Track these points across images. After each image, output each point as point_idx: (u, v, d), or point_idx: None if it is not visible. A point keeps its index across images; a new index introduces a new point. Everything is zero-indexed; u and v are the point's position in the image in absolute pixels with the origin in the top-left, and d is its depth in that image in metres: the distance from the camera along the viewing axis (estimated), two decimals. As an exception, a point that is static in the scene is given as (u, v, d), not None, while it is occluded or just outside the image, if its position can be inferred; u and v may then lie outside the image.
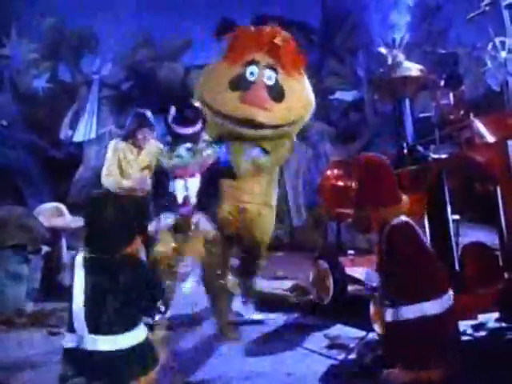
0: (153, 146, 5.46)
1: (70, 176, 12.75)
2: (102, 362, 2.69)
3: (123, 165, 5.47)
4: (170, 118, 4.67)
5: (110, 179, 5.50)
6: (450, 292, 3.68)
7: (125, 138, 5.61)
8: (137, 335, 2.79)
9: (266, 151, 5.11)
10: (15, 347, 4.82)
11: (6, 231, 5.96)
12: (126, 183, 5.46)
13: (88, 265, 2.74)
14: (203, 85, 5.21)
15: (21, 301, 5.94)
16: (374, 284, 3.83)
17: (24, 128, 13.03)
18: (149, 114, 5.57)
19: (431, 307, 3.55)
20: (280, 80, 5.02)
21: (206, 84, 5.19)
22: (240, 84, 4.92)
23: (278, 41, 5.10)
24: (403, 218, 3.84)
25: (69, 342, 2.77)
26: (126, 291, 2.73)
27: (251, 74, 4.94)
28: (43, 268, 6.43)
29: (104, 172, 5.62)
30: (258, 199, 5.16)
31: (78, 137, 13.84)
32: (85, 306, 2.68)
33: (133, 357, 2.73)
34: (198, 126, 4.62)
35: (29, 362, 4.40)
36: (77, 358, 2.74)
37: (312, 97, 5.33)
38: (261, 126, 4.87)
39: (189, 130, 4.59)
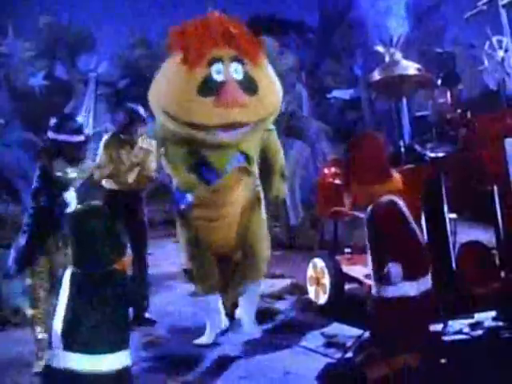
0: (145, 142, 5.45)
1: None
2: (75, 382, 2.52)
3: (115, 161, 5.43)
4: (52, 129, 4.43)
5: (102, 172, 5.44)
6: (428, 276, 3.61)
7: (117, 133, 5.57)
8: (118, 360, 2.60)
9: (246, 155, 4.65)
10: (10, 346, 4.82)
11: (3, 230, 5.93)
12: (108, 184, 5.48)
13: (74, 281, 2.64)
14: (163, 94, 4.47)
15: (17, 300, 5.92)
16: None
17: (20, 126, 13.01)
18: (141, 109, 5.54)
19: (408, 289, 3.53)
20: (249, 71, 4.44)
21: (167, 94, 4.44)
22: (209, 87, 4.25)
23: (232, 28, 4.46)
24: (391, 197, 3.81)
25: (47, 359, 2.64)
26: (110, 308, 2.60)
27: (217, 72, 4.29)
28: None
29: (97, 172, 5.56)
30: (241, 204, 4.77)
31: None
32: (64, 321, 2.56)
33: (108, 382, 2.55)
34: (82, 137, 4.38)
35: (24, 361, 4.40)
36: (52, 376, 2.60)
37: (279, 84, 4.76)
38: (243, 125, 4.36)
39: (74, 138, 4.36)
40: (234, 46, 4.42)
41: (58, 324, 2.60)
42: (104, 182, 5.48)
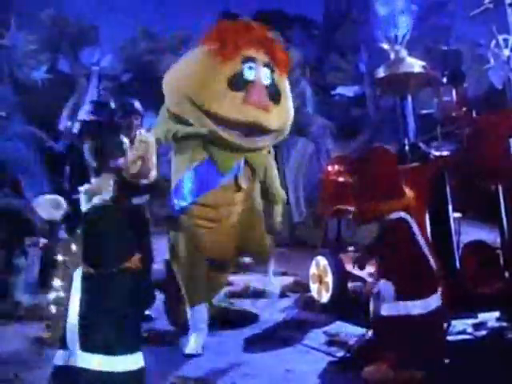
0: (143, 135, 5.43)
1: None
2: (90, 382, 2.52)
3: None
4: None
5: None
6: (437, 294, 3.66)
7: (116, 129, 5.57)
8: (132, 361, 2.59)
9: (252, 167, 4.62)
10: (12, 340, 4.82)
11: (5, 223, 5.93)
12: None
13: (86, 280, 2.63)
14: (190, 81, 4.44)
15: (18, 293, 5.92)
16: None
17: (23, 119, 12.98)
18: (136, 102, 5.52)
19: (415, 307, 3.55)
20: (276, 80, 4.54)
21: (195, 81, 4.40)
22: (239, 83, 4.29)
23: (268, 35, 4.62)
24: (401, 213, 3.83)
25: (59, 359, 2.62)
26: (124, 307, 2.59)
27: (249, 71, 4.34)
28: (40, 261, 6.41)
29: None
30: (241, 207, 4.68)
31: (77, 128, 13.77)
32: (80, 321, 2.54)
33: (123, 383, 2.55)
34: None
35: (26, 355, 4.41)
36: (66, 376, 2.59)
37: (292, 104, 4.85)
38: (263, 131, 4.40)
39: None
40: (268, 53, 4.52)
41: (72, 324, 2.58)
42: None
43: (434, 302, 3.64)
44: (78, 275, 2.68)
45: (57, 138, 13.32)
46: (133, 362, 2.60)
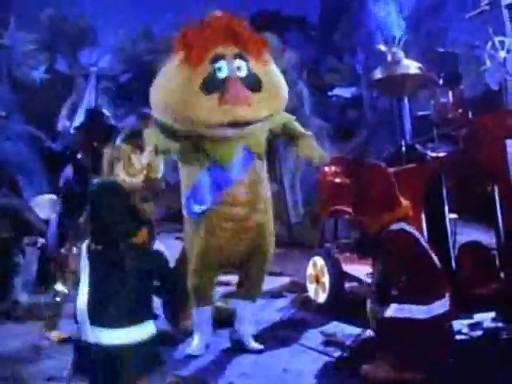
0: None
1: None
2: (103, 356, 2.59)
3: (127, 168, 5.47)
4: None
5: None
6: (444, 299, 3.69)
7: (128, 139, 5.61)
8: (143, 331, 2.67)
9: (257, 153, 4.57)
10: (10, 339, 4.82)
11: (3, 222, 5.93)
12: (131, 182, 5.50)
13: (94, 256, 2.68)
14: (165, 94, 4.40)
15: (16, 293, 5.92)
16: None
17: (21, 119, 12.97)
18: (151, 113, 5.55)
19: (419, 311, 3.58)
20: (252, 68, 4.38)
21: (169, 92, 4.35)
22: (212, 85, 4.20)
23: (235, 26, 4.44)
24: (401, 224, 3.89)
25: (75, 333, 2.72)
26: (133, 282, 2.64)
27: (220, 70, 4.24)
28: (39, 260, 6.41)
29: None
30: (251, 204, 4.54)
31: (73, 129, 13.77)
32: (89, 297, 2.61)
33: (137, 354, 2.62)
34: None
35: (24, 354, 4.42)
36: (81, 350, 2.68)
37: (284, 82, 4.68)
38: (247, 123, 4.29)
39: None
40: (237, 43, 4.37)
41: (82, 300, 2.64)
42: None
43: (439, 307, 3.66)
44: (84, 252, 2.72)
45: (55, 138, 13.33)
46: (144, 332, 2.65)
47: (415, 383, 3.53)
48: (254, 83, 4.32)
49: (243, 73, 4.32)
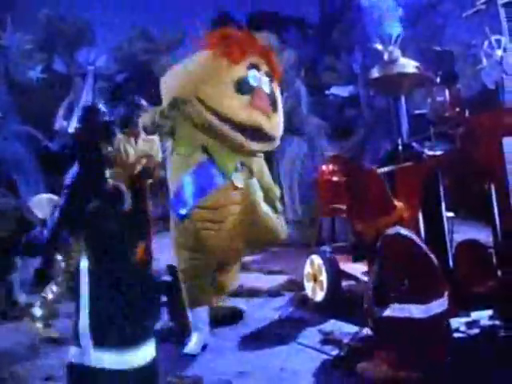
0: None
1: (64, 167, 12.64)
2: (104, 380, 2.57)
3: (123, 157, 5.47)
4: None
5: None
6: (442, 299, 3.70)
7: (121, 127, 5.60)
8: (146, 354, 2.65)
9: (249, 169, 4.72)
10: (7, 337, 4.83)
11: (1, 222, 5.93)
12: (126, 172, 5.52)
13: (94, 277, 2.66)
14: (197, 79, 4.56)
15: (14, 293, 5.91)
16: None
17: (18, 119, 12.94)
18: (144, 102, 5.54)
19: (417, 311, 3.59)
20: (274, 89, 4.80)
21: (201, 79, 4.54)
22: (245, 87, 4.51)
23: (270, 49, 4.94)
24: (397, 228, 3.92)
25: (75, 356, 2.64)
26: (134, 302, 2.64)
27: (254, 77, 4.58)
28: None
29: None
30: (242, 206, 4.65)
31: (73, 128, 13.72)
32: (90, 320, 2.58)
33: (137, 377, 2.60)
34: None
35: (21, 352, 4.44)
36: (80, 374, 2.63)
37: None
38: (264, 137, 4.62)
39: None
40: (270, 63, 4.79)
41: (84, 322, 2.61)
42: (108, 175, 5.54)
43: (437, 306, 3.67)
44: (84, 273, 2.70)
45: (52, 138, 13.30)
46: (145, 355, 2.64)
47: (412, 382, 3.54)
48: (274, 102, 4.73)
49: (268, 89, 4.69)
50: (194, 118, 4.51)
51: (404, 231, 3.92)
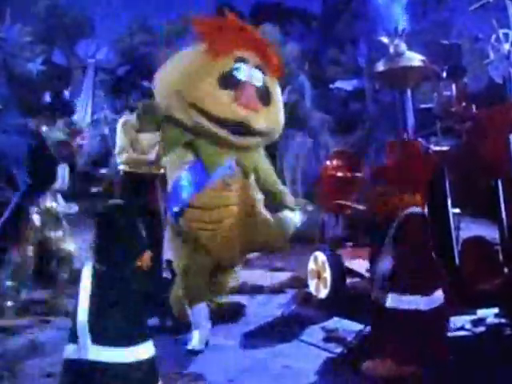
0: None
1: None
2: (102, 375, 2.58)
3: (133, 142, 5.49)
4: None
5: (123, 155, 5.55)
6: (438, 292, 3.65)
7: (133, 119, 5.66)
8: (143, 351, 2.67)
9: (243, 168, 4.56)
10: (7, 335, 4.77)
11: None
12: (139, 157, 5.50)
13: (97, 276, 2.69)
14: (181, 78, 4.43)
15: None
16: None
17: (17, 112, 12.88)
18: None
19: (421, 302, 3.55)
20: (267, 83, 4.55)
21: (186, 76, 4.40)
22: (230, 81, 4.30)
23: (264, 39, 4.69)
24: (417, 208, 3.87)
25: (70, 352, 2.65)
26: (135, 303, 2.67)
27: (239, 71, 4.34)
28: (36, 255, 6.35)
29: (116, 150, 5.68)
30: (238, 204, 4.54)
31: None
32: (90, 316, 2.60)
33: (135, 373, 2.62)
34: None
35: (20, 351, 4.38)
36: (77, 370, 2.64)
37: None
38: (251, 132, 4.40)
39: None
40: (261, 56, 4.55)
41: (83, 319, 2.63)
42: (122, 166, 5.50)
43: (437, 299, 3.63)
44: (87, 272, 2.73)
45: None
46: (143, 351, 2.66)
47: (416, 379, 3.49)
48: (265, 96, 4.50)
49: (259, 83, 4.47)
50: (183, 119, 4.42)
51: (423, 212, 3.88)
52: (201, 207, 4.39)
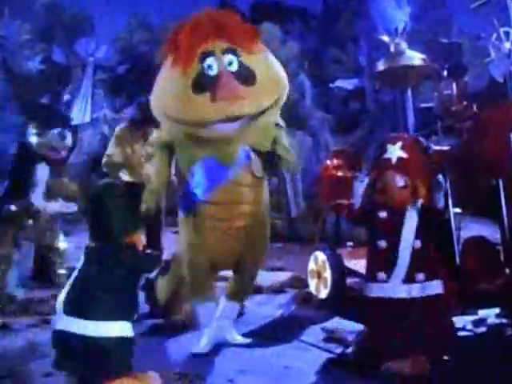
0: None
1: (63, 160, 12.61)
2: (71, 345, 2.70)
3: (129, 155, 5.48)
4: None
5: (109, 168, 5.57)
6: (435, 281, 3.73)
7: (130, 127, 5.63)
8: (116, 328, 2.73)
9: (258, 151, 4.40)
10: (5, 335, 4.79)
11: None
12: (125, 177, 5.52)
13: (88, 252, 2.82)
14: (160, 98, 4.34)
15: (12, 287, 5.87)
16: None
17: (17, 110, 12.88)
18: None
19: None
20: (244, 61, 4.20)
21: (163, 96, 4.29)
22: (203, 83, 4.11)
23: (223, 19, 4.28)
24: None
25: (54, 322, 2.86)
26: (118, 279, 2.76)
27: (210, 67, 4.13)
28: (35, 254, 6.36)
29: (104, 159, 5.67)
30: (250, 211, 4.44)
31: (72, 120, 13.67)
32: (70, 288, 2.75)
33: (103, 349, 2.68)
34: None
35: (18, 350, 4.38)
36: (54, 340, 2.81)
37: (283, 71, 4.48)
38: (239, 118, 4.11)
39: None
40: (226, 38, 4.21)
41: (65, 290, 2.80)
42: (121, 175, 5.54)
43: (432, 288, 3.69)
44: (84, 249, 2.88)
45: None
46: (116, 329, 2.73)
47: (418, 380, 3.46)
48: (247, 77, 4.16)
49: (234, 67, 4.16)
50: (178, 135, 4.38)
51: None
52: (216, 203, 4.31)
